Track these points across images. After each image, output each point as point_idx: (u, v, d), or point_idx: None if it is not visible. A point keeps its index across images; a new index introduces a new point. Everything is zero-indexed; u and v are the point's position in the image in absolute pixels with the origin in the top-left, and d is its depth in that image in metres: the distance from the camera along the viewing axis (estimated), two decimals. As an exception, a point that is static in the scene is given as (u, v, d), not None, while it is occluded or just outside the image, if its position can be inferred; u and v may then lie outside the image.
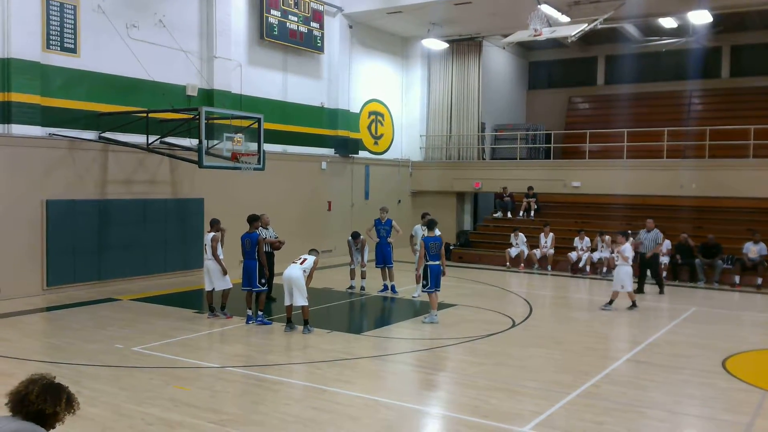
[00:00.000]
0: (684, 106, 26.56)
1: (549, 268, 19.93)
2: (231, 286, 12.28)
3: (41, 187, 14.23)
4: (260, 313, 11.91)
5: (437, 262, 12.23)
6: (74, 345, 10.23)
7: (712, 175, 20.34)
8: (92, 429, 6.82)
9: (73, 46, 14.77)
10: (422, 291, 12.85)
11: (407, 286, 15.22)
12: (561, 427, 7.06)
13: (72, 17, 14.69)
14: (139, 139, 15.30)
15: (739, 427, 7.18)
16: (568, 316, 14.17)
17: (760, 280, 17.04)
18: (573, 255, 19.38)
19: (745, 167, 20.10)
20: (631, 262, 13.90)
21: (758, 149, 20.79)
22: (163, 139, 15.60)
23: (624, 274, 13.83)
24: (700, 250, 17.86)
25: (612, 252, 18.78)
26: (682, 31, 23.51)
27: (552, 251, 20.00)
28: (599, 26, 19.99)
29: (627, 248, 13.96)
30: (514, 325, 12.18)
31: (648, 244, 16.14)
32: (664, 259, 17.97)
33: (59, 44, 14.53)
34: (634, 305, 13.90)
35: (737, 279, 17.29)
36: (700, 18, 20.52)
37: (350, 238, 15.43)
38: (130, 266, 15.85)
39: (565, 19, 19.57)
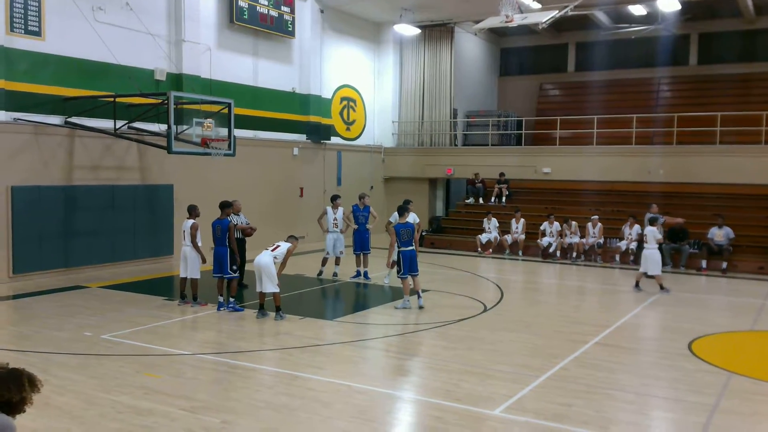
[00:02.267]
0: (653, 93, 26.87)
1: (520, 253, 20.11)
2: (199, 276, 12.16)
3: (6, 173, 13.94)
4: (231, 299, 11.85)
5: (409, 248, 12.25)
6: (42, 333, 10.08)
7: (679, 161, 20.66)
8: (61, 417, 6.73)
9: (37, 29, 14.42)
10: (397, 277, 12.80)
11: (380, 272, 15.24)
12: (531, 409, 7.15)
13: (36, 0, 14.36)
14: (107, 124, 15.06)
15: (705, 408, 7.33)
16: (539, 300, 14.37)
17: (725, 264, 17.39)
18: (544, 241, 19.58)
19: (712, 153, 20.44)
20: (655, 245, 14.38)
21: (725, 136, 21.15)
22: (131, 124, 15.35)
23: (643, 256, 14.42)
24: (667, 235, 18.13)
25: (580, 237, 19.06)
26: (651, 18, 23.72)
27: (523, 237, 20.17)
28: (570, 13, 20.07)
29: (651, 231, 14.41)
30: (485, 310, 12.28)
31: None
32: (633, 245, 18.28)
33: (23, 27, 14.18)
34: (638, 286, 14.44)
35: (704, 263, 17.61)
36: (669, 5, 20.76)
37: (329, 207, 15.38)
38: (98, 253, 15.63)
39: (536, 5, 19.63)
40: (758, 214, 19.22)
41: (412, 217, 14.20)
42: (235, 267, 11.89)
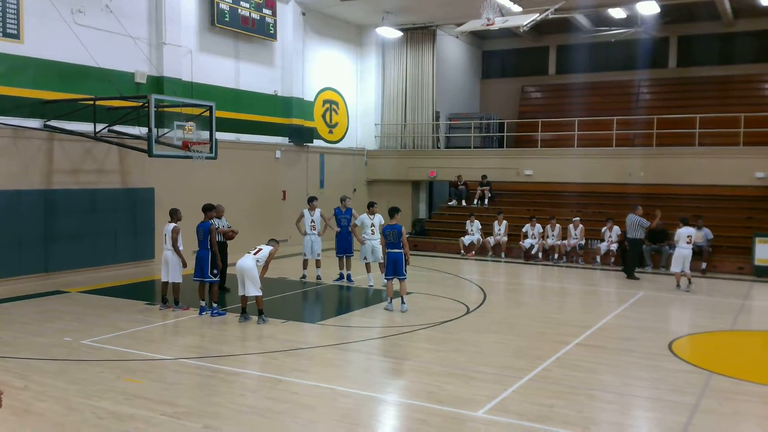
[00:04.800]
0: (633, 95, 27.12)
1: (502, 255, 20.20)
2: (181, 280, 12.07)
3: (-17, 177, 13.78)
4: (214, 304, 11.77)
5: (394, 251, 12.21)
6: (21, 338, 9.95)
7: (659, 163, 20.88)
8: (41, 424, 6.66)
9: (16, 32, 14.26)
10: (383, 279, 12.75)
11: (363, 275, 15.23)
12: (514, 410, 7.18)
13: (15, 2, 14.16)
14: (86, 127, 14.93)
15: (685, 407, 7.40)
16: (521, 301, 14.45)
17: (704, 265, 17.57)
18: (526, 243, 19.68)
19: (691, 155, 20.66)
20: (690, 245, 15.03)
21: (703, 137, 21.42)
22: (111, 128, 15.23)
23: (673, 255, 14.94)
24: (648, 236, 18.28)
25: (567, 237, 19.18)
26: (631, 21, 24.00)
27: (505, 238, 20.26)
28: (551, 16, 20.23)
29: (682, 232, 14.97)
30: (468, 312, 12.31)
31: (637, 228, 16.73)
32: (613, 246, 18.44)
33: (1, 30, 14.00)
34: (689, 283, 15.11)
35: (683, 264, 17.77)
36: (649, 9, 21.02)
37: (305, 209, 15.36)
38: (78, 258, 15.47)
39: (517, 8, 19.76)
40: (737, 215, 19.46)
41: (377, 219, 14.27)
42: (215, 271, 11.80)
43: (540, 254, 19.54)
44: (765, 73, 25.35)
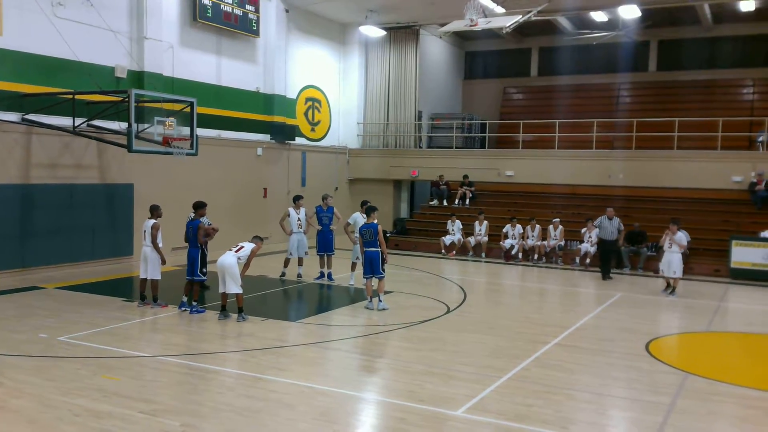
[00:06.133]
0: (613, 98, 27.36)
1: (483, 255, 20.28)
2: (159, 277, 11.94)
3: (-41, 171, 13.57)
4: (194, 301, 11.68)
5: (370, 249, 12.23)
6: (-4, 335, 9.83)
7: (638, 166, 21.09)
8: (17, 421, 6.58)
9: (-7, 23, 14.08)
10: (363, 277, 12.77)
11: (344, 273, 15.21)
12: (493, 409, 7.21)
13: (-8, -8, 13.99)
14: (65, 121, 14.77)
15: (661, 407, 7.48)
16: (501, 301, 14.51)
17: (681, 267, 17.75)
18: (506, 243, 19.78)
19: (670, 158, 20.90)
20: (685, 249, 14.90)
21: (682, 141, 21.67)
22: (90, 122, 15.07)
23: (676, 260, 14.67)
24: (626, 238, 18.44)
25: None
26: (612, 25, 24.19)
27: (486, 239, 20.34)
28: (533, 18, 20.35)
29: (680, 236, 14.80)
30: (449, 311, 12.35)
31: (612, 230, 16.81)
32: (593, 248, 18.58)
33: (-22, 20, 13.82)
34: (673, 291, 14.74)
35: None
36: (630, 12, 21.24)
37: (291, 208, 15.29)
38: (55, 253, 15.30)
39: (500, 10, 19.83)
40: (714, 218, 19.68)
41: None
42: (204, 270, 11.68)
43: (520, 255, 19.65)
44: (744, 78, 25.72)
